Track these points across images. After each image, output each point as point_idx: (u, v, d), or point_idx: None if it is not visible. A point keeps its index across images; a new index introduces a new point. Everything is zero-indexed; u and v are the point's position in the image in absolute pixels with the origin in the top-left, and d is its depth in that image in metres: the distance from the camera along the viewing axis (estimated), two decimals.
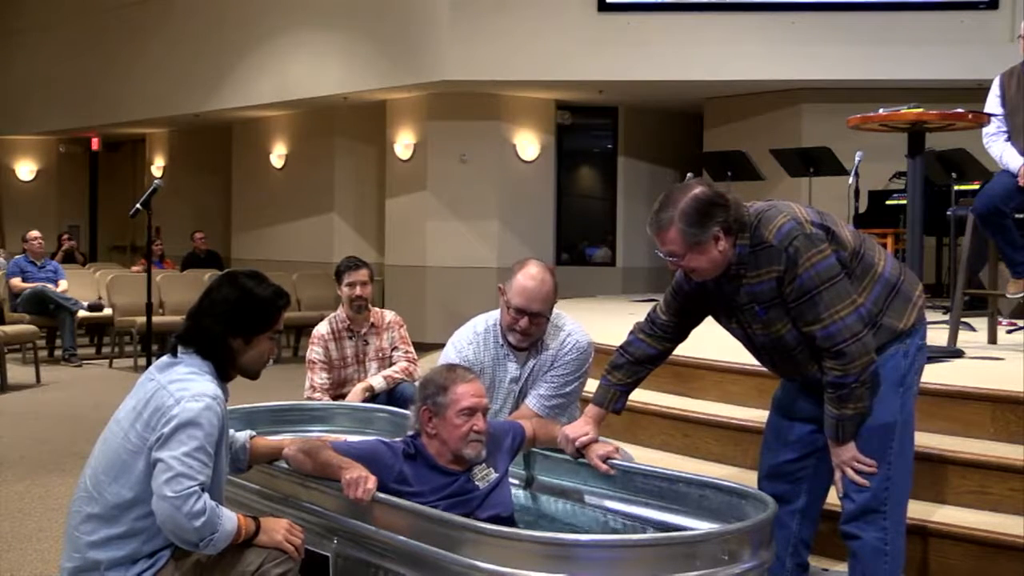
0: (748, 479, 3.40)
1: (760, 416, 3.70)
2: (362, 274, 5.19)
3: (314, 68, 11.90)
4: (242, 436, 3.08)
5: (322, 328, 5.17)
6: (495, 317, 3.65)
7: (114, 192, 18.43)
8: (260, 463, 3.12)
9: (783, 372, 3.13)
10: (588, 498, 3.25)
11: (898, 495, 2.97)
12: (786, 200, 3.01)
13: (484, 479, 3.04)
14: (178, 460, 2.54)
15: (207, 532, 2.56)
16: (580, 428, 3.21)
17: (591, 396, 3.29)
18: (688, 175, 7.21)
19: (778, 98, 10.42)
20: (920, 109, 4.75)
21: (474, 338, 3.65)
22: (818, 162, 8.22)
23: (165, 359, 2.77)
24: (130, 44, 14.67)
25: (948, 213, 6.82)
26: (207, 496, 2.57)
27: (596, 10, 10.06)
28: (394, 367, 5.13)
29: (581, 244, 12.45)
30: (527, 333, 3.51)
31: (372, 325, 5.21)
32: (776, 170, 8.73)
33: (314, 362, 5.09)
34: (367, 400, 4.81)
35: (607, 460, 3.13)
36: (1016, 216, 4.96)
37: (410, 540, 2.69)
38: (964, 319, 5.41)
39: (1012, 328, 5.93)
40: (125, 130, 16.42)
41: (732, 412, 4.45)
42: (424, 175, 11.55)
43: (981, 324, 5.68)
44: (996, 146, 5.01)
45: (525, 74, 10.37)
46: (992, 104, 5.06)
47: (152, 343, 7.99)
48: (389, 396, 4.95)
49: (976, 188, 6.37)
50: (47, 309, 10.27)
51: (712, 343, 3.94)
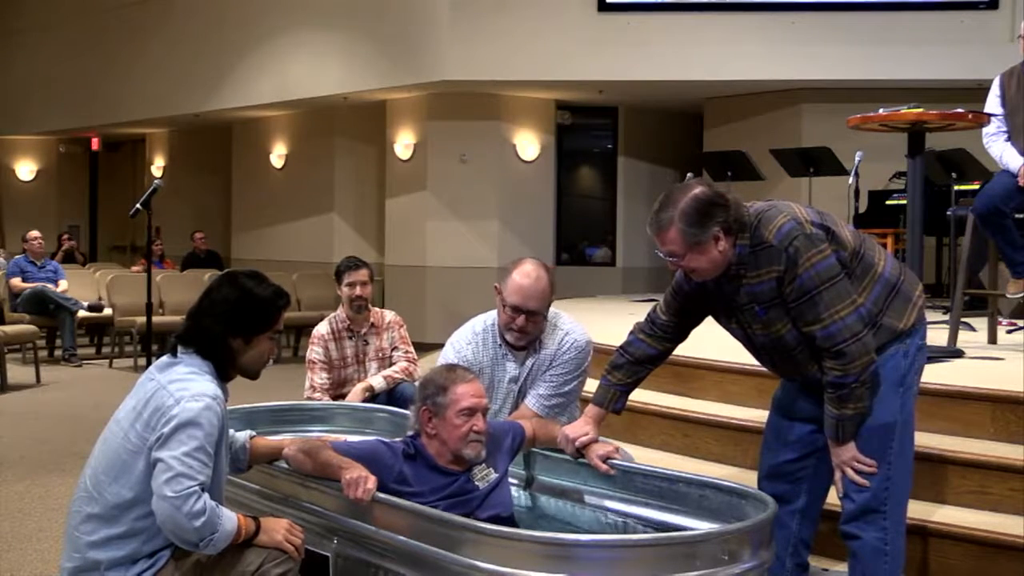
0: (748, 479, 3.40)
1: (760, 416, 3.70)
2: (362, 274, 5.19)
3: (314, 68, 11.90)
4: (242, 436, 3.08)
5: (322, 328, 5.17)
6: (493, 317, 3.65)
7: (114, 192, 18.43)
8: (260, 463, 3.12)
9: (783, 372, 3.13)
10: (588, 498, 3.24)
11: (898, 495, 2.97)
12: (786, 200, 3.01)
13: (484, 479, 3.04)
14: (178, 460, 2.55)
15: (207, 532, 2.56)
16: (580, 428, 3.21)
17: (591, 396, 3.29)
18: (688, 175, 7.21)
19: (778, 98, 10.42)
20: (920, 109, 4.75)
21: (473, 338, 3.65)
22: (818, 162, 8.21)
23: (165, 359, 2.78)
24: (130, 44, 14.67)
25: (948, 213, 6.82)
26: (207, 496, 2.58)
27: (596, 10, 10.05)
28: (394, 367, 5.13)
29: (581, 244, 12.45)
30: (524, 332, 3.51)
31: (372, 325, 5.21)
32: (776, 170, 8.73)
33: (314, 362, 5.09)
34: (367, 400, 4.81)
35: (607, 460, 3.13)
36: (1016, 216, 4.96)
37: (410, 540, 2.69)
38: (964, 319, 5.41)
39: (1012, 328, 5.93)
40: (125, 130, 16.42)
41: (732, 412, 4.44)
42: (424, 175, 11.55)
43: (981, 324, 5.68)
44: (996, 146, 5.01)
45: (525, 74, 10.37)
46: (992, 104, 5.06)
47: (152, 343, 7.98)
48: (389, 396, 4.95)
49: (976, 188, 6.37)
50: (47, 309, 10.27)
51: (712, 343, 3.94)
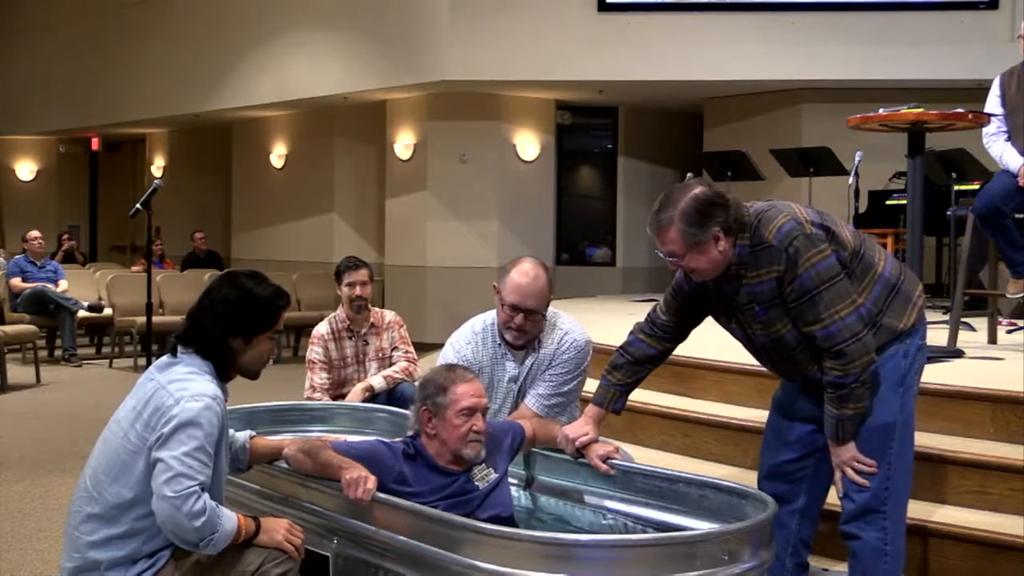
0: (748, 479, 3.40)
1: (760, 416, 3.70)
2: (362, 274, 5.19)
3: (314, 68, 11.90)
4: (242, 436, 3.08)
5: (322, 328, 5.17)
6: (493, 317, 3.64)
7: (114, 192, 18.43)
8: (260, 463, 3.12)
9: (783, 372, 3.13)
10: (588, 498, 3.24)
11: (898, 495, 2.97)
12: (786, 200, 3.01)
13: (484, 479, 3.04)
14: (178, 460, 2.55)
15: (207, 532, 2.56)
16: (580, 428, 3.21)
17: (591, 396, 3.29)
18: (688, 175, 7.21)
19: (778, 98, 10.42)
20: (920, 109, 4.75)
21: (472, 338, 3.65)
22: (818, 162, 8.21)
23: (165, 359, 2.77)
24: (130, 44, 14.67)
25: (948, 213, 6.82)
26: (207, 496, 2.58)
27: (596, 10, 10.05)
28: (394, 367, 5.13)
29: (581, 244, 12.45)
30: (523, 330, 3.51)
31: (372, 325, 5.21)
32: (776, 170, 8.73)
33: (314, 362, 5.09)
34: (367, 400, 4.80)
35: (607, 460, 3.13)
36: (1016, 216, 4.96)
37: (410, 540, 2.69)
38: (964, 319, 5.41)
39: (1012, 328, 5.93)
40: (125, 130, 16.43)
41: (732, 412, 4.44)
42: (424, 175, 11.55)
43: (981, 324, 5.68)
44: (996, 146, 5.01)
45: (525, 74, 10.37)
46: (992, 104, 5.06)
47: (152, 343, 7.99)
48: (389, 396, 4.95)
49: (976, 188, 6.37)
50: (47, 309, 10.26)
51: (712, 343, 3.94)
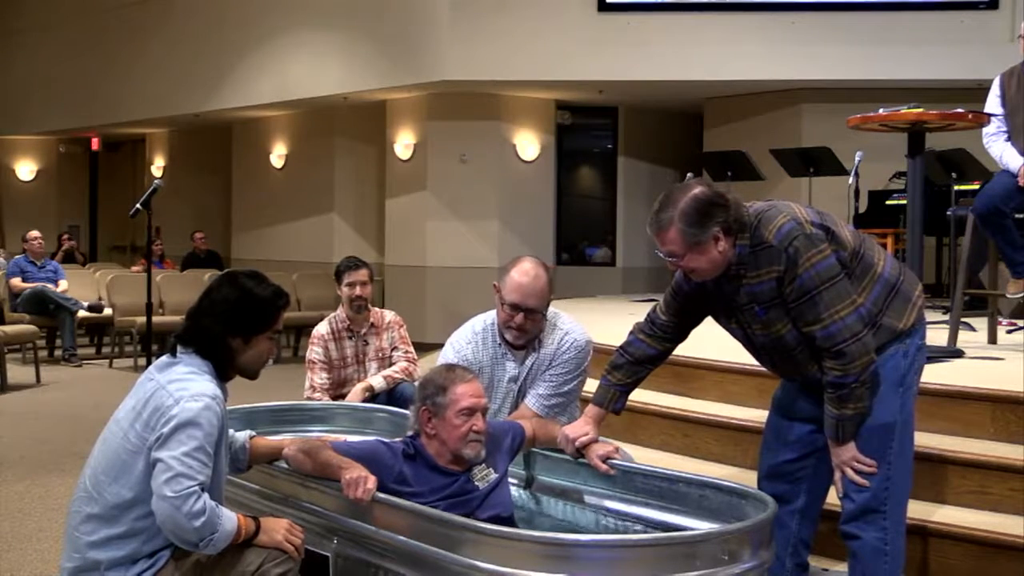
0: (748, 479, 3.40)
1: (760, 416, 3.70)
2: (362, 274, 5.19)
3: (314, 68, 11.90)
4: (242, 436, 3.08)
5: (322, 328, 5.17)
6: (493, 316, 3.64)
7: (114, 192, 18.43)
8: (260, 463, 3.12)
9: (783, 372, 3.13)
10: (588, 498, 3.24)
11: (898, 495, 2.97)
12: (786, 200, 3.01)
13: (484, 479, 3.04)
14: (177, 460, 2.55)
15: (207, 532, 2.56)
16: (580, 428, 3.20)
17: (591, 396, 3.29)
18: (688, 175, 7.21)
19: (778, 98, 10.41)
20: (920, 109, 4.75)
21: (472, 337, 3.65)
22: (818, 162, 8.21)
23: (164, 359, 2.77)
24: (130, 44, 14.67)
25: (948, 213, 6.82)
26: (207, 496, 2.58)
27: (596, 10, 10.05)
28: (394, 367, 5.13)
29: (581, 244, 12.45)
30: (523, 330, 3.51)
31: (372, 325, 5.21)
32: (776, 170, 8.73)
33: (314, 362, 5.09)
34: (367, 400, 4.81)
35: (607, 460, 3.13)
36: (1016, 216, 4.96)
37: (410, 540, 2.69)
38: (964, 319, 5.41)
39: (1012, 328, 5.93)
40: (125, 130, 16.42)
41: (732, 412, 4.44)
42: (424, 175, 11.55)
43: (981, 324, 5.68)
44: (996, 146, 5.01)
45: (525, 74, 10.37)
46: (992, 104, 5.06)
47: (152, 343, 7.99)
48: (389, 396, 4.95)
49: (976, 188, 6.37)
50: (47, 309, 10.26)
51: (712, 343, 3.94)
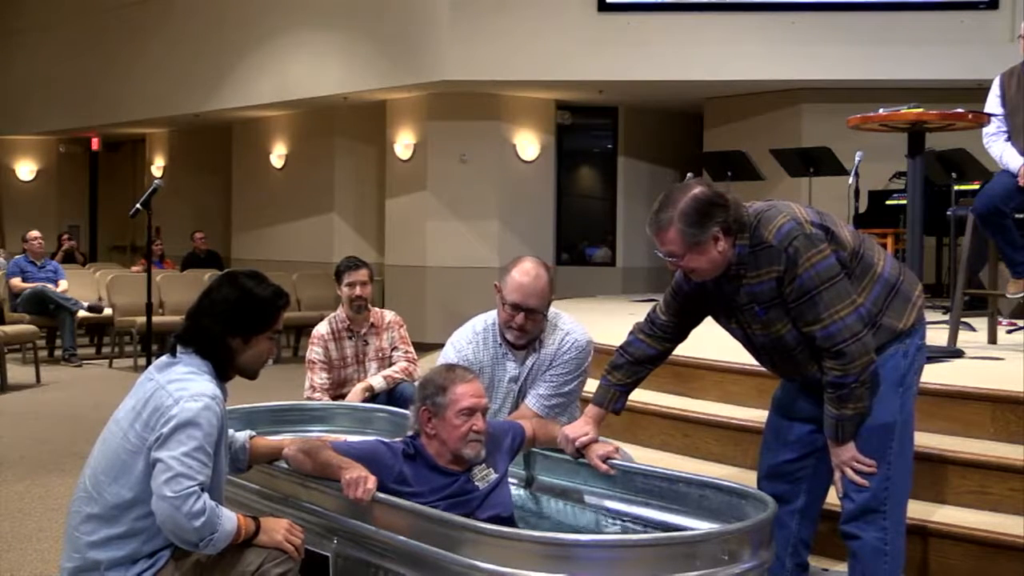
0: (748, 479, 3.40)
1: (760, 416, 3.70)
2: (362, 274, 5.19)
3: (314, 68, 11.90)
4: (242, 436, 3.08)
5: (322, 328, 5.17)
6: (494, 316, 3.64)
7: (114, 192, 18.43)
8: (260, 463, 3.12)
9: (783, 372, 3.13)
10: (588, 498, 3.24)
11: (898, 495, 2.97)
12: (786, 200, 3.01)
13: (484, 479, 3.04)
14: (177, 460, 2.55)
15: (207, 532, 2.56)
16: (580, 428, 3.21)
17: (591, 396, 3.29)
18: (688, 175, 7.21)
19: (778, 98, 10.41)
20: (920, 109, 4.75)
21: (473, 337, 3.65)
22: (818, 162, 8.21)
23: (164, 359, 2.77)
24: (130, 44, 14.67)
25: (948, 213, 6.82)
26: (207, 496, 2.57)
27: (596, 10, 10.05)
28: (394, 367, 5.13)
29: (581, 244, 12.45)
30: (524, 330, 3.51)
31: (372, 325, 5.21)
32: (776, 170, 8.73)
33: (314, 362, 5.09)
34: (367, 400, 4.81)
35: (607, 460, 3.13)
36: (1016, 216, 4.96)
37: (410, 540, 2.69)
38: (964, 319, 5.41)
39: (1012, 328, 5.93)
40: (125, 130, 16.42)
41: (732, 412, 4.45)
42: (424, 175, 11.55)
43: (981, 324, 5.68)
44: (996, 146, 5.01)
45: (525, 74, 10.37)
46: (992, 104, 5.06)
47: (152, 343, 7.99)
48: (389, 396, 4.95)
49: (976, 188, 6.37)
50: (47, 309, 10.26)
51: (712, 343, 3.94)
